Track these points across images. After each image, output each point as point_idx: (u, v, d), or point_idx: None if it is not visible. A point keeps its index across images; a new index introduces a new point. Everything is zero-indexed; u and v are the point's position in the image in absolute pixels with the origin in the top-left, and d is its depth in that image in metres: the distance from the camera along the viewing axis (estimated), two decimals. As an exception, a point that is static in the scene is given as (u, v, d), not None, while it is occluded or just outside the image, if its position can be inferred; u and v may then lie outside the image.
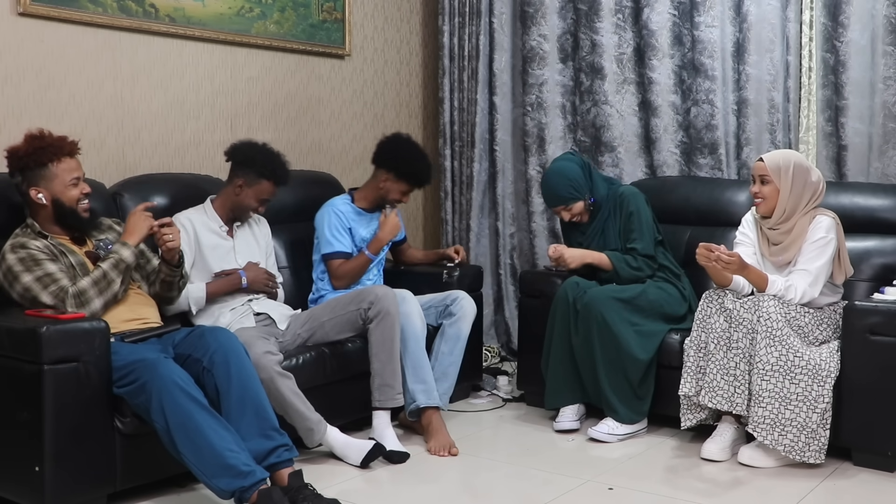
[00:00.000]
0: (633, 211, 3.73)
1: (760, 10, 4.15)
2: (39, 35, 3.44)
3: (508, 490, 3.08)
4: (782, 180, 3.32)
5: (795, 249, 3.32)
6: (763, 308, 3.16)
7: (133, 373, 2.67)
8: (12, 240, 2.93)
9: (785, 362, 3.12)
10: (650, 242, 3.74)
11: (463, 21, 4.84)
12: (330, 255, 3.78)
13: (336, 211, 3.83)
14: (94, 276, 2.88)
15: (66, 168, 2.95)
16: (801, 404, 3.11)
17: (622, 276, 3.69)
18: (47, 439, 2.57)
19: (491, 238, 4.95)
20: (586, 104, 4.64)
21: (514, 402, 4.10)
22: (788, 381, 3.11)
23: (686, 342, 3.40)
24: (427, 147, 5.13)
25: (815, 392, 3.11)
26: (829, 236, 3.29)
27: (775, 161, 3.35)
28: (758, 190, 3.37)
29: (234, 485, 2.55)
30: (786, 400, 3.11)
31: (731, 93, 4.29)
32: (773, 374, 3.12)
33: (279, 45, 4.27)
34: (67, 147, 2.97)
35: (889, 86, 3.89)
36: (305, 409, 3.14)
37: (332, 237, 3.78)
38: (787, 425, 3.11)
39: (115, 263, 2.93)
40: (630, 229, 3.73)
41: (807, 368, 3.11)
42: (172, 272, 3.13)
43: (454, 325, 3.69)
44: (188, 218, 3.45)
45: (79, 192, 2.98)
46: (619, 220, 3.77)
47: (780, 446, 3.11)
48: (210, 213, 3.51)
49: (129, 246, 2.98)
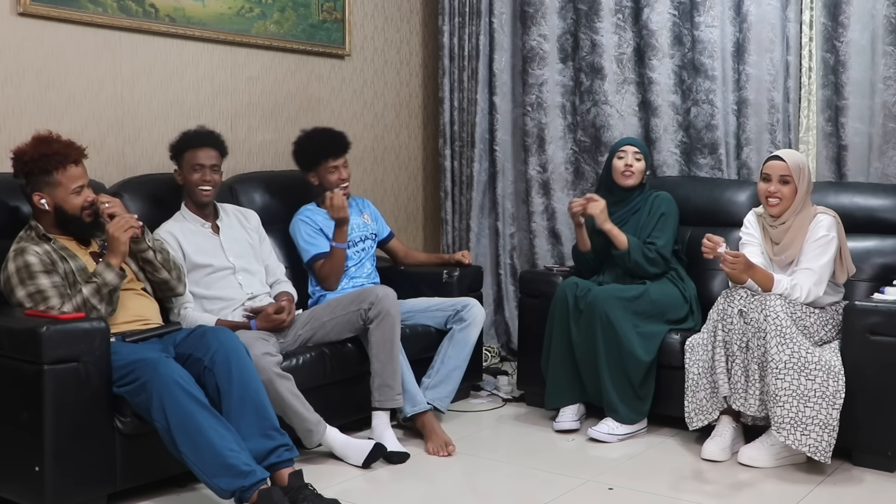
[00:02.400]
0: (665, 213, 3.78)
1: (760, 10, 4.15)
2: (39, 35, 3.44)
3: (508, 490, 3.08)
4: (800, 181, 3.31)
5: (797, 247, 3.32)
6: (770, 307, 3.15)
7: (134, 372, 2.67)
8: (16, 244, 2.92)
9: (798, 359, 3.08)
10: (670, 244, 3.77)
11: (463, 21, 4.84)
12: (311, 261, 3.79)
13: (304, 218, 3.84)
14: (75, 302, 2.82)
15: (70, 176, 2.92)
16: (821, 400, 3.06)
17: (633, 259, 3.69)
18: (47, 439, 2.57)
19: (491, 238, 4.95)
20: (586, 104, 4.64)
21: (514, 402, 4.10)
22: (804, 377, 3.07)
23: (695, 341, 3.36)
24: (427, 147, 5.15)
25: (832, 388, 3.07)
26: (831, 234, 3.28)
27: (796, 161, 3.33)
28: (776, 190, 3.33)
29: (235, 484, 2.55)
30: (804, 397, 3.07)
31: (731, 93, 4.29)
32: (787, 372, 3.08)
33: (279, 45, 4.27)
34: (73, 155, 2.94)
35: (889, 86, 3.89)
36: (304, 410, 3.14)
37: (307, 243, 3.80)
38: (808, 424, 3.06)
39: (97, 289, 2.86)
40: (656, 227, 3.76)
41: (819, 364, 3.09)
42: (138, 245, 3.04)
43: (464, 331, 3.71)
44: (167, 231, 3.40)
45: (82, 200, 2.96)
46: (646, 217, 3.79)
47: (805, 447, 3.06)
48: (189, 216, 3.49)
49: (113, 268, 2.90)
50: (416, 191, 5.11)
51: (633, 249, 3.70)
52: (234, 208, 3.68)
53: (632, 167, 3.80)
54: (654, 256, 3.72)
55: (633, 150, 3.82)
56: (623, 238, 3.71)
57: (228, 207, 3.65)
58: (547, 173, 4.74)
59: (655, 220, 3.78)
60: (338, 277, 3.77)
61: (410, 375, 3.49)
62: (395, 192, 4.93)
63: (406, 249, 4.27)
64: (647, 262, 3.70)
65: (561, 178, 4.73)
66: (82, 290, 2.85)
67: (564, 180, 4.73)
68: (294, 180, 4.12)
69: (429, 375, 3.66)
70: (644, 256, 3.70)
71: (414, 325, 3.75)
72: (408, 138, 5.03)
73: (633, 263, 3.69)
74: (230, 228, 3.57)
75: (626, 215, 3.82)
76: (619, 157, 3.83)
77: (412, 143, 5.07)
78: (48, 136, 2.96)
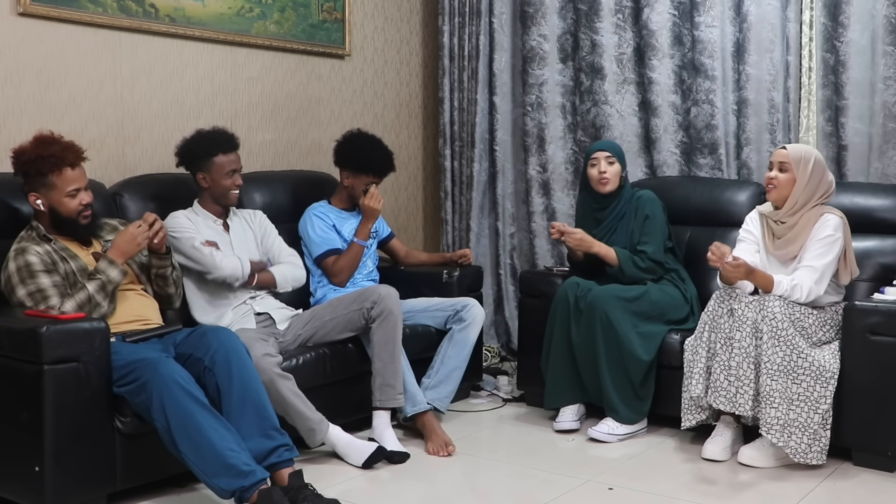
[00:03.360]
0: (649, 215, 3.75)
1: (760, 10, 4.15)
2: (39, 35, 3.43)
3: (508, 490, 3.08)
4: (801, 171, 3.33)
5: (799, 244, 3.32)
6: (768, 308, 3.16)
7: (134, 372, 2.67)
8: (17, 244, 2.92)
9: (789, 363, 3.11)
10: (660, 247, 3.75)
11: (463, 21, 4.83)
12: (322, 256, 3.79)
13: (318, 214, 3.85)
14: (79, 299, 2.85)
15: (65, 179, 2.91)
16: (804, 404, 3.11)
17: (627, 273, 3.69)
18: (47, 439, 2.57)
19: (491, 238, 4.95)
20: (586, 104, 4.64)
21: (514, 402, 4.10)
22: (791, 381, 3.11)
23: (690, 341, 3.39)
24: (427, 147, 5.15)
25: (817, 393, 3.11)
26: (837, 235, 3.29)
27: (798, 151, 3.36)
28: (774, 176, 3.37)
29: (235, 484, 2.55)
30: (790, 400, 3.11)
31: (731, 93, 4.29)
32: (779, 375, 3.11)
33: (279, 45, 4.27)
34: (70, 158, 2.92)
35: (889, 86, 3.89)
36: (306, 410, 3.14)
37: (320, 238, 3.80)
38: (792, 426, 3.11)
39: (102, 285, 2.90)
40: (643, 232, 3.74)
41: (810, 369, 3.11)
42: (162, 260, 3.13)
43: (464, 331, 3.71)
44: (184, 216, 3.44)
45: (77, 203, 2.95)
46: (633, 221, 3.78)
47: (788, 448, 3.11)
48: (201, 213, 3.51)
49: (117, 265, 2.94)
50: (416, 191, 5.11)
51: (625, 264, 3.69)
52: (241, 211, 3.68)
53: (605, 173, 3.77)
54: (647, 265, 3.71)
55: (604, 154, 3.79)
56: (612, 255, 3.70)
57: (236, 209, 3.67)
58: (547, 173, 4.74)
59: (641, 223, 3.76)
60: (351, 273, 3.79)
61: (411, 375, 3.49)
62: (395, 192, 4.93)
63: (407, 249, 4.27)
64: (642, 271, 3.70)
65: (561, 178, 4.73)
66: (87, 286, 2.87)
67: (564, 180, 4.73)
68: (294, 180, 4.13)
69: (429, 375, 3.66)
70: (637, 267, 3.70)
71: (414, 325, 3.75)
72: (408, 138, 5.03)
73: (627, 277, 3.69)
74: (239, 227, 3.59)
75: (613, 221, 3.81)
76: (591, 166, 3.81)
77: (412, 143, 5.07)
78: (49, 137, 2.95)
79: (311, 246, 3.82)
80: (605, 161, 3.78)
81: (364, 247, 3.80)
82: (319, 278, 3.83)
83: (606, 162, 3.78)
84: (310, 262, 3.85)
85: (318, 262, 3.81)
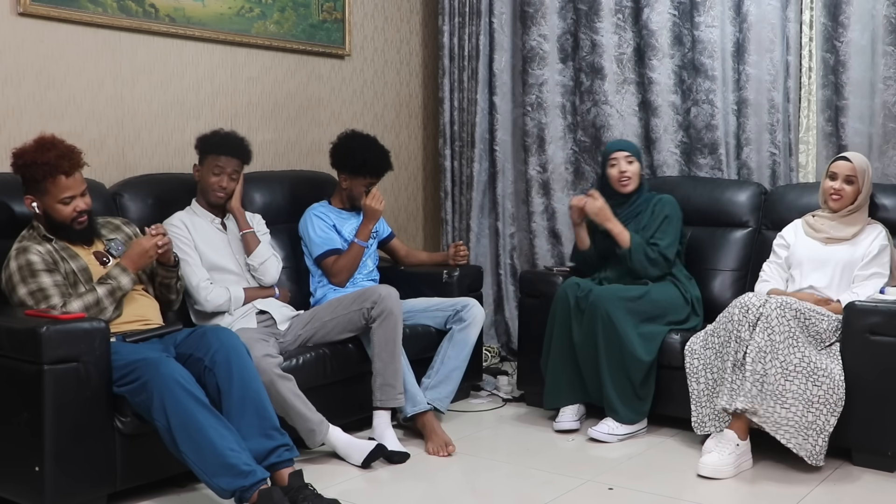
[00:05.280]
0: (669, 216, 3.78)
1: (760, 10, 4.15)
2: (39, 35, 3.44)
3: (508, 490, 3.08)
4: (864, 182, 3.45)
5: (852, 231, 3.44)
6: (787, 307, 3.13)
7: (134, 372, 2.67)
8: (18, 243, 2.92)
9: (808, 364, 3.09)
10: (673, 247, 3.76)
11: (463, 21, 4.83)
12: (323, 256, 3.79)
13: (318, 214, 3.85)
14: (86, 300, 2.85)
15: (60, 186, 2.89)
16: (823, 407, 3.08)
17: (634, 259, 3.68)
18: (47, 439, 2.57)
19: (491, 238, 4.95)
20: (586, 104, 4.64)
21: (514, 402, 4.10)
22: (811, 383, 3.08)
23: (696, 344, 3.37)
24: (427, 147, 5.15)
25: (836, 395, 3.09)
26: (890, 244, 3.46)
27: (861, 163, 3.48)
28: (840, 188, 3.46)
29: (235, 484, 2.55)
30: (809, 402, 3.08)
31: (731, 93, 4.29)
32: (796, 376, 3.08)
33: (279, 45, 4.27)
34: (65, 166, 2.88)
35: (889, 86, 3.89)
36: (307, 410, 3.14)
37: (320, 238, 3.80)
38: (808, 429, 3.08)
39: (112, 291, 2.91)
40: (660, 229, 3.75)
41: (826, 371, 3.10)
42: (169, 273, 3.16)
43: (464, 331, 3.71)
44: (180, 220, 3.44)
45: (71, 210, 2.93)
46: (648, 218, 3.78)
47: (803, 451, 3.09)
48: (199, 212, 3.53)
49: (129, 273, 2.96)
50: (416, 191, 5.11)
51: (636, 249, 3.69)
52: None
53: (626, 172, 3.79)
54: (656, 257, 3.71)
55: (623, 154, 3.81)
56: (626, 236, 3.71)
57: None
58: (547, 173, 4.74)
59: (659, 222, 3.76)
60: (351, 273, 3.79)
61: (411, 375, 3.49)
62: (395, 191, 4.93)
63: (407, 249, 4.27)
64: (649, 262, 3.70)
65: (561, 178, 4.73)
66: (97, 289, 2.88)
67: (564, 180, 4.73)
68: (294, 180, 4.13)
69: (429, 376, 3.66)
70: (646, 256, 3.70)
71: (414, 326, 3.75)
72: (408, 138, 5.03)
73: (634, 263, 3.69)
74: (236, 229, 3.59)
75: (627, 218, 3.81)
76: (611, 166, 3.83)
77: (412, 143, 5.07)
78: (49, 140, 2.92)
79: (312, 246, 3.82)
80: (625, 161, 3.80)
81: (364, 247, 3.81)
82: (319, 278, 3.84)
83: (626, 161, 3.80)
84: (310, 263, 3.85)
85: (318, 262, 3.82)
